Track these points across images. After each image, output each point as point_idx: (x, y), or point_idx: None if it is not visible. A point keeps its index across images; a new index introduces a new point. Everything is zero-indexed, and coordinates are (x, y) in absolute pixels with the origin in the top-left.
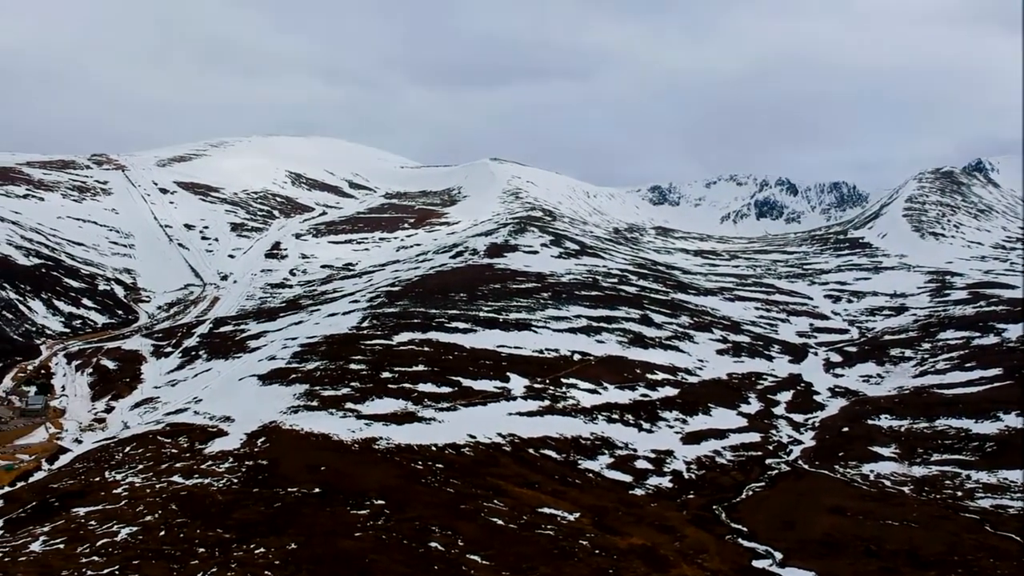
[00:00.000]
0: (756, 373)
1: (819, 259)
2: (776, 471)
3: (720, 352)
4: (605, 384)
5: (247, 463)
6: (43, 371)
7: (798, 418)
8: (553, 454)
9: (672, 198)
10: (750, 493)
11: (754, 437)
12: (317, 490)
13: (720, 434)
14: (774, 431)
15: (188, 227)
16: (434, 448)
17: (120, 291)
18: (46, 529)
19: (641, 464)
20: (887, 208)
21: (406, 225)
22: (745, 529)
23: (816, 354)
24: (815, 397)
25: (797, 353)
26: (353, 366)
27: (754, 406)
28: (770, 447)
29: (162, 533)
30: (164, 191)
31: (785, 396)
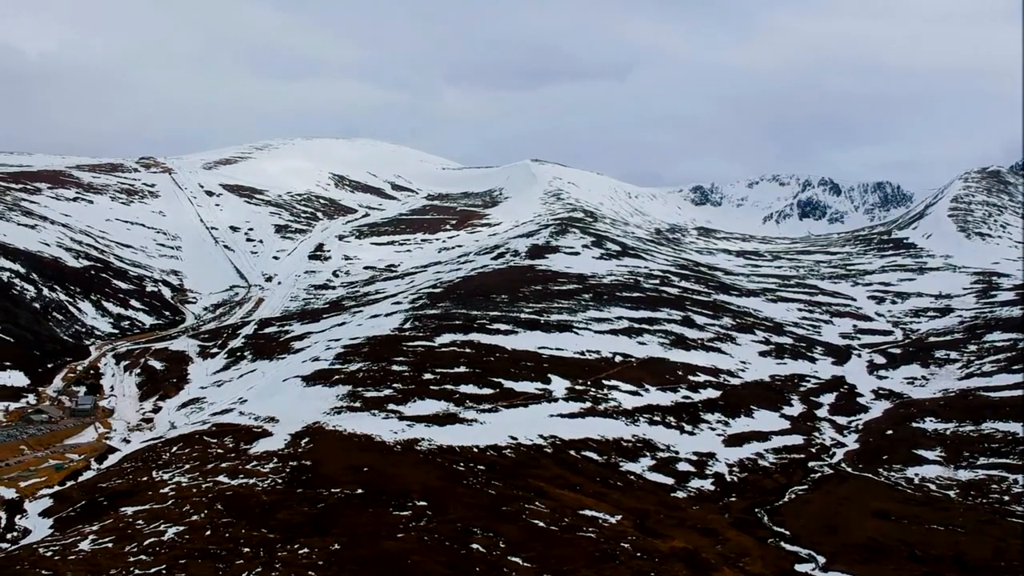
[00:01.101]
0: (799, 375)
1: (863, 260)
2: (819, 474)
3: (762, 354)
4: (647, 386)
5: (291, 464)
6: (92, 371)
7: (841, 420)
8: (594, 456)
9: (714, 198)
10: (792, 496)
11: (797, 439)
12: (360, 491)
13: (762, 436)
14: (817, 433)
15: (233, 229)
16: (475, 449)
17: (167, 292)
18: (95, 528)
19: (683, 466)
20: (932, 208)
21: (448, 226)
22: (787, 532)
23: (860, 356)
24: (858, 399)
25: (840, 355)
26: (395, 367)
27: (797, 408)
28: (813, 450)
29: (208, 533)
30: (210, 193)
31: (828, 398)
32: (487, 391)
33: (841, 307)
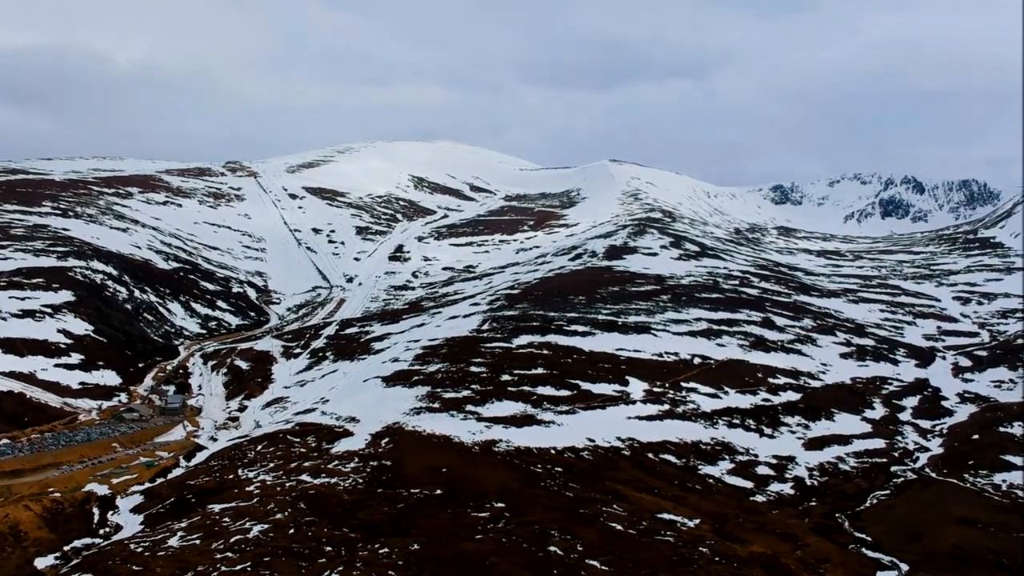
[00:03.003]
0: (881, 377)
1: (947, 259)
2: (902, 479)
3: (844, 356)
4: (726, 388)
5: (371, 463)
6: (181, 371)
7: (925, 424)
8: (673, 459)
9: (794, 197)
10: (874, 501)
11: (879, 443)
12: (439, 491)
13: (843, 440)
14: (900, 437)
15: (316, 231)
16: (553, 451)
17: (252, 293)
18: (183, 525)
19: (762, 470)
20: (1020, 206)
21: (525, 227)
22: (869, 539)
23: (944, 358)
24: (943, 403)
25: (924, 357)
26: (473, 368)
27: (879, 411)
28: (895, 454)
29: (291, 531)
30: (293, 196)
31: (911, 401)
32: (564, 393)
33: (925, 308)
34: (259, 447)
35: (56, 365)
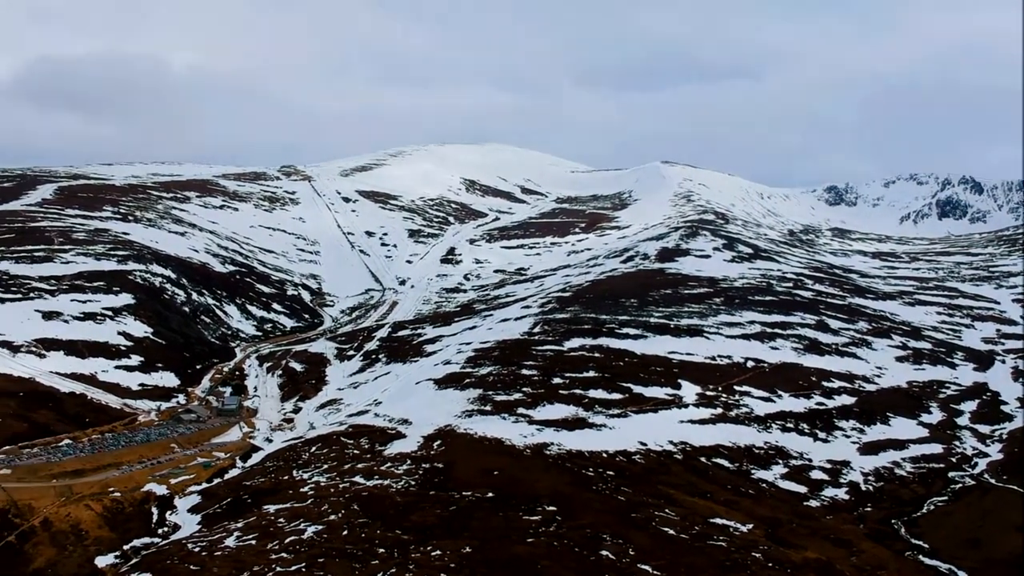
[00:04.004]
0: (938, 381)
1: (1007, 261)
2: (960, 485)
3: (899, 359)
4: (779, 392)
5: (423, 466)
6: (237, 373)
7: (984, 429)
8: (725, 463)
9: (849, 198)
10: (931, 508)
11: (936, 448)
12: (490, 494)
13: (899, 445)
14: (957, 443)
15: (369, 234)
16: (605, 455)
17: (306, 296)
18: (239, 525)
19: (816, 474)
20: None
21: (577, 229)
22: (926, 545)
23: (1004, 362)
24: (1002, 407)
25: (983, 361)
26: (525, 371)
27: (936, 416)
28: (953, 459)
29: (345, 532)
30: (347, 200)
31: (969, 406)
32: (616, 396)
33: (983, 311)
34: (313, 448)
35: (117, 367)
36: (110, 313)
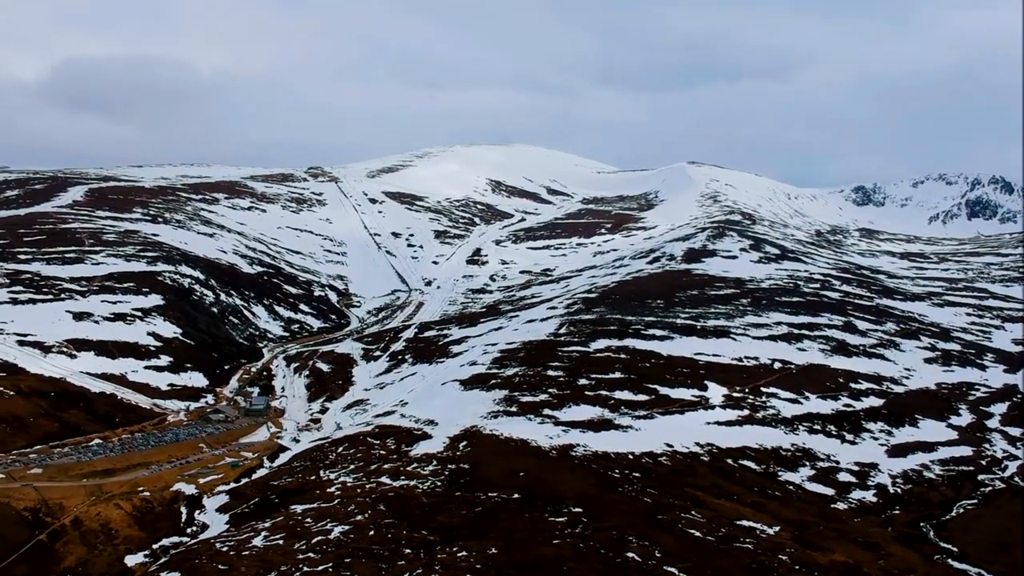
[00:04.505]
0: (967, 383)
1: None
2: (990, 488)
3: (928, 361)
4: (807, 393)
5: (449, 466)
6: (265, 373)
7: (1014, 432)
8: (752, 465)
9: (877, 198)
10: (961, 511)
11: (965, 451)
12: (516, 495)
13: (928, 447)
14: (987, 445)
15: (395, 235)
16: (631, 456)
17: (333, 296)
18: (267, 525)
19: (844, 477)
20: None
21: (603, 230)
22: (955, 549)
23: None
24: None
25: (1013, 362)
26: (551, 372)
27: (965, 418)
28: (983, 462)
29: (371, 533)
30: (373, 201)
31: (1000, 408)
32: (642, 397)
33: (1014, 312)
34: (340, 449)
35: (146, 367)
36: (140, 314)
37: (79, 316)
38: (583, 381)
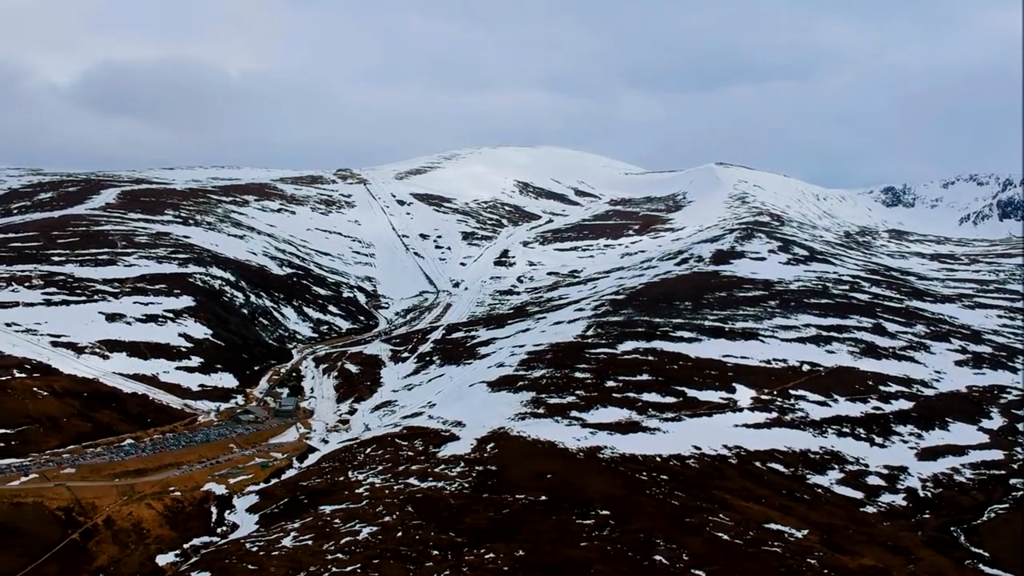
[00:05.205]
0: (999, 386)
1: None
2: (1021, 492)
3: (959, 363)
4: (835, 396)
5: (477, 468)
6: (294, 374)
7: None
8: (780, 468)
9: (906, 199)
10: (992, 515)
11: (996, 455)
12: (543, 497)
13: (959, 450)
14: (1019, 449)
15: (423, 236)
16: (658, 459)
17: (362, 298)
18: (296, 525)
19: (873, 480)
20: None
21: (630, 231)
22: (986, 554)
23: None
24: None
25: None
26: (578, 374)
27: (996, 421)
28: (1015, 466)
29: (399, 534)
30: (401, 203)
31: None
32: (670, 400)
33: None
34: (368, 450)
35: (177, 368)
36: (171, 315)
37: (112, 317)
38: (611, 383)
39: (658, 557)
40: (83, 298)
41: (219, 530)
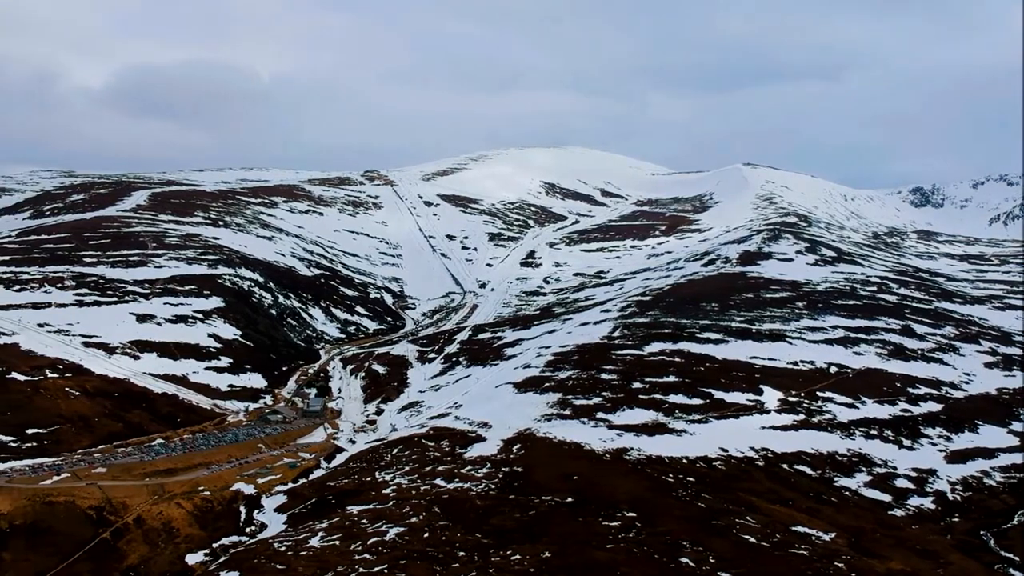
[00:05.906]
0: None
1: None
2: None
3: (988, 365)
4: (863, 398)
5: (503, 469)
6: (322, 374)
7: None
8: (807, 470)
9: (935, 200)
10: (1022, 519)
11: None
12: (569, 499)
13: (988, 453)
14: None
15: (450, 237)
16: (685, 461)
17: (388, 299)
18: (323, 525)
19: (901, 483)
20: None
21: (657, 232)
22: (1016, 559)
23: None
24: None
25: None
26: (604, 376)
27: None
28: None
29: (426, 535)
30: (428, 204)
31: None
32: (697, 401)
33: None
34: (395, 450)
35: (207, 368)
36: (201, 316)
37: (142, 318)
38: (637, 385)
39: (684, 559)
40: (114, 299)
41: (248, 530)
